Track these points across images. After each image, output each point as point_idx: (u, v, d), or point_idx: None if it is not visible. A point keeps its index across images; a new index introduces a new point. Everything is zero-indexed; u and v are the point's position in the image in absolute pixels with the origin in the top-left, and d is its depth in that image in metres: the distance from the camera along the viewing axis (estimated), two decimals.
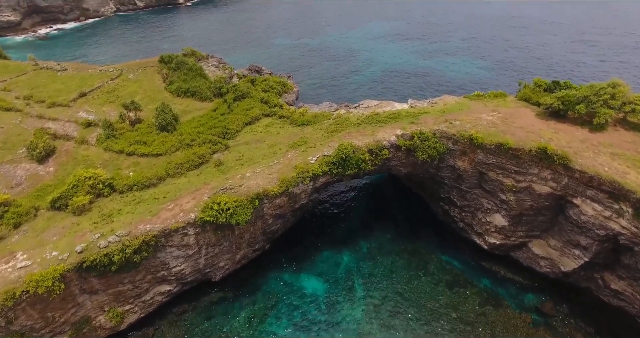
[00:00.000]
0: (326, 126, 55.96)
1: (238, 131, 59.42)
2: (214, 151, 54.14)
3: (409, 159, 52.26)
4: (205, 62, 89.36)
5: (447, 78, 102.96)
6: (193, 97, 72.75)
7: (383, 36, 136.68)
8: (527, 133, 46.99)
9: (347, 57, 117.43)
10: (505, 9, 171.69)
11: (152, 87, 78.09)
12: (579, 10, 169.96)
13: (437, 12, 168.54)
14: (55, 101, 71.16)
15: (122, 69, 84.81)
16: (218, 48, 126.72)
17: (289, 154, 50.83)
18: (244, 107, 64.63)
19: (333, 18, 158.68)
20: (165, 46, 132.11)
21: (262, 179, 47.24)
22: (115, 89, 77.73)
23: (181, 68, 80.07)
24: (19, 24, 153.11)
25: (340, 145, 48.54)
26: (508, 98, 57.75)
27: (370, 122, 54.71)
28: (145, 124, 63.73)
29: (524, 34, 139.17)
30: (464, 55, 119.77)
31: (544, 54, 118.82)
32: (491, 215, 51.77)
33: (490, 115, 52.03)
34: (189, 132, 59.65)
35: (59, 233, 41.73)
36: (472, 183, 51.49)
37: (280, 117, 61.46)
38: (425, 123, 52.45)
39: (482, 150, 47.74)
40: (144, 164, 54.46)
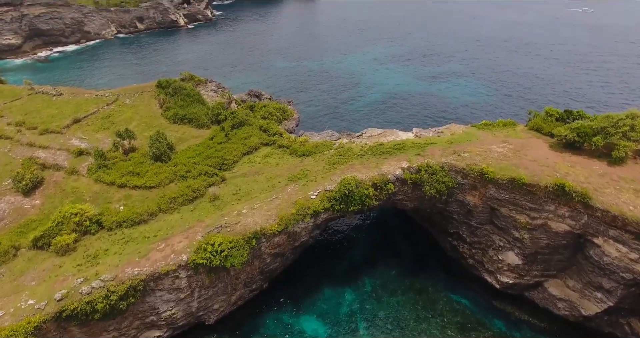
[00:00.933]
0: (328, 157, 53.31)
1: (235, 161, 56.76)
2: (210, 184, 51.34)
3: (416, 193, 49.40)
4: (204, 86, 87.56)
5: (450, 102, 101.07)
6: (190, 124, 70.50)
7: (384, 59, 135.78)
8: (541, 167, 44.24)
9: (348, 80, 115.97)
10: (505, 32, 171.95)
11: (148, 113, 75.98)
12: (579, 33, 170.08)
13: (437, 34, 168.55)
14: (47, 127, 68.91)
15: (118, 93, 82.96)
16: (218, 71, 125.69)
17: (289, 189, 48.00)
18: (242, 136, 62.19)
19: (333, 41, 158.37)
20: (164, 68, 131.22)
21: (259, 217, 44.28)
22: (111, 114, 75.63)
23: (178, 94, 78.11)
24: (19, 47, 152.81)
25: (343, 179, 45.76)
26: (518, 127, 55.31)
27: (374, 154, 52.08)
28: (139, 153, 61.22)
29: (525, 56, 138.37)
30: (466, 78, 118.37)
31: (547, 78, 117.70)
32: (503, 252, 48.54)
33: (500, 146, 49.41)
34: (184, 162, 56.98)
35: (38, 277, 38.53)
36: (483, 218, 48.47)
37: (279, 146, 58.91)
38: (432, 155, 49.80)
39: (494, 185, 44.92)
40: (135, 198, 51.60)
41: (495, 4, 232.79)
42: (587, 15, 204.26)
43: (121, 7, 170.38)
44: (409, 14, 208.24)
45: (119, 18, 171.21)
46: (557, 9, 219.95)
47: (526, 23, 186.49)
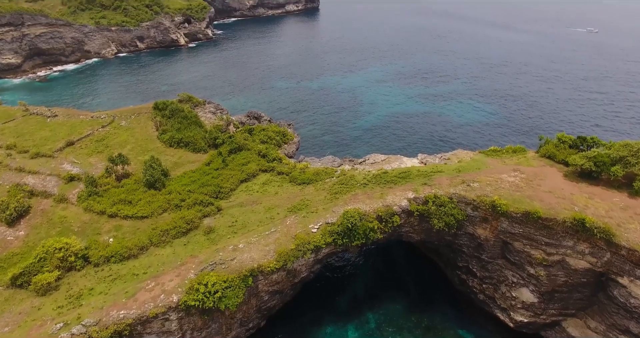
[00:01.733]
0: (329, 186, 50.65)
1: (232, 189, 54.10)
2: (205, 215, 48.54)
3: (423, 225, 46.57)
4: (202, 108, 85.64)
5: (453, 124, 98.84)
6: (186, 148, 68.19)
7: (385, 78, 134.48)
8: (557, 199, 41.52)
9: (349, 101, 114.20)
10: (507, 53, 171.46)
11: (144, 136, 73.75)
12: (583, 54, 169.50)
13: (438, 54, 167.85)
14: (39, 150, 66.57)
15: (114, 115, 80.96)
16: (218, 91, 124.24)
17: (288, 220, 45.19)
18: (239, 162, 59.69)
19: (334, 60, 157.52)
20: (164, 88, 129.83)
21: (257, 252, 41.35)
22: (106, 137, 73.42)
23: (175, 116, 76.13)
24: (19, 66, 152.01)
25: (346, 212, 43.00)
26: (528, 154, 52.79)
27: (378, 183, 49.44)
28: (132, 179, 58.62)
29: (528, 78, 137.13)
30: (468, 98, 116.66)
31: (552, 100, 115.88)
32: (517, 289, 45.40)
33: (512, 176, 46.79)
34: (179, 190, 54.30)
35: (13, 322, 35.40)
36: (495, 252, 45.50)
37: (279, 173, 56.31)
38: (439, 185, 47.13)
39: (507, 218, 42.12)
40: (126, 229, 48.76)
41: (497, 25, 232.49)
42: (592, 36, 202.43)
43: (122, 27, 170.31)
44: (410, 33, 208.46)
45: (120, 37, 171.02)
46: (560, 30, 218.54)
47: (528, 44, 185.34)
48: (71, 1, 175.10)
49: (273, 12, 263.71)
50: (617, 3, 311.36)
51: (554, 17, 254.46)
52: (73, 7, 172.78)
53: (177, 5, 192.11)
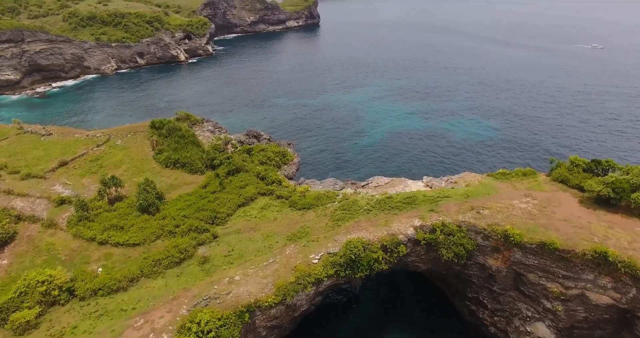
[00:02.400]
0: (331, 212, 48.15)
1: (229, 214, 51.59)
2: (200, 243, 45.94)
3: (430, 255, 43.93)
4: (200, 126, 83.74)
5: (458, 143, 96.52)
6: (183, 169, 65.88)
7: (386, 95, 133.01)
8: (574, 229, 38.98)
9: (350, 118, 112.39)
10: (509, 70, 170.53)
11: (140, 156, 71.58)
12: (588, 72, 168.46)
13: (440, 71, 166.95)
14: (30, 171, 64.37)
15: (110, 134, 79.05)
16: (217, 108, 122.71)
17: (287, 250, 42.58)
18: (237, 185, 57.31)
19: (335, 76, 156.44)
20: (162, 104, 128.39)
21: (254, 285, 38.65)
22: (100, 157, 71.28)
23: (172, 135, 73.99)
24: (18, 82, 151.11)
25: (349, 242, 40.41)
26: (539, 177, 50.41)
27: (382, 208, 46.94)
28: (126, 202, 56.18)
29: (531, 95, 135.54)
30: (472, 116, 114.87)
31: (555, 117, 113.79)
32: (532, 323, 42.48)
33: (524, 202, 44.33)
34: (174, 215, 51.80)
35: None
36: (507, 284, 42.76)
37: (278, 197, 53.87)
38: (447, 211, 44.63)
39: (520, 249, 39.52)
40: (117, 257, 46.13)
41: (499, 41, 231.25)
42: (597, 52, 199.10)
43: (122, 43, 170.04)
44: (411, 49, 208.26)
45: (120, 53, 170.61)
46: (565, 46, 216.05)
47: (532, 60, 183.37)
48: (72, 18, 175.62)
49: (274, 28, 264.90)
50: (622, 20, 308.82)
51: (558, 33, 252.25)
52: (74, 23, 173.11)
53: (178, 22, 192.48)
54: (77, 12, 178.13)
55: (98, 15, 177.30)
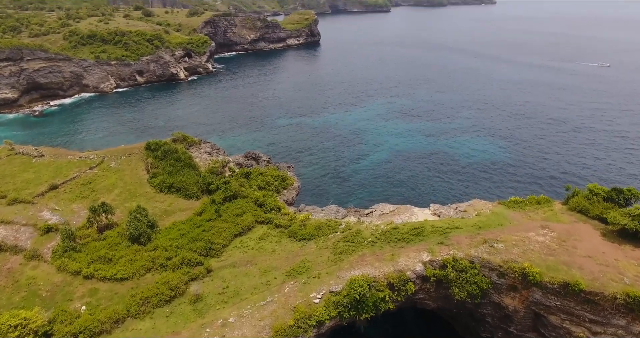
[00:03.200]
0: (333, 244, 45.04)
1: (225, 245, 48.50)
2: (192, 277, 42.74)
3: (440, 292, 40.68)
4: (197, 148, 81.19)
5: (464, 166, 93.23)
6: (178, 194, 63.10)
7: (388, 114, 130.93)
8: (600, 267, 35.85)
9: (352, 139, 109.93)
10: (513, 90, 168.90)
11: (133, 180, 68.83)
12: (595, 91, 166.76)
13: (442, 89, 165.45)
14: (18, 196, 61.52)
15: (104, 155, 76.50)
16: (216, 127, 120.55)
17: (286, 287, 39.34)
18: (234, 212, 54.36)
19: (336, 95, 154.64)
20: (160, 123, 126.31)
21: (250, 328, 35.32)
22: (93, 180, 68.53)
23: (168, 157, 71.48)
24: (15, 100, 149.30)
25: (353, 281, 37.24)
26: (555, 206, 47.44)
27: (388, 240, 43.86)
28: (116, 231, 53.23)
29: (537, 113, 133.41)
30: (475, 134, 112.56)
31: (564, 138, 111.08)
32: None
33: (541, 234, 41.27)
34: (166, 246, 48.71)
35: None
36: (525, 325, 39.37)
37: (277, 226, 50.86)
38: (458, 245, 41.55)
39: (540, 288, 36.32)
40: (102, 293, 42.87)
41: (501, 59, 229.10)
42: (604, 70, 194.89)
43: (122, 61, 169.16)
44: (412, 67, 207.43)
45: (119, 71, 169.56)
46: (571, 64, 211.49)
47: (537, 79, 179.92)
48: (73, 36, 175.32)
49: (274, 46, 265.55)
50: (627, 38, 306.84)
51: (562, 51, 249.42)
52: (74, 41, 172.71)
53: (178, 40, 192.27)
54: (77, 30, 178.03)
55: (98, 34, 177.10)
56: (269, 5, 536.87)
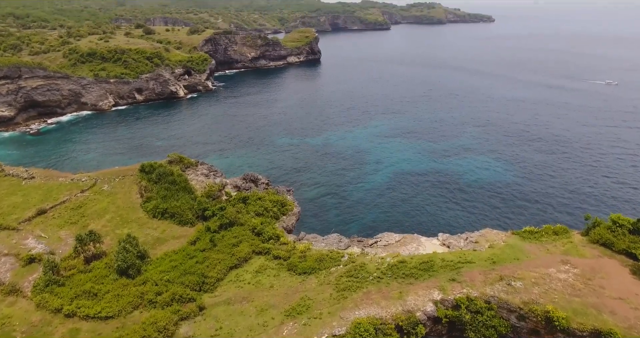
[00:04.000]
0: (336, 278, 41.67)
1: (219, 279, 45.11)
2: (183, 317, 39.24)
3: (453, 334, 37.11)
4: (194, 170, 78.26)
5: (472, 189, 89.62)
6: (172, 220, 60.00)
7: (390, 133, 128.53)
8: (636, 312, 32.43)
9: (353, 159, 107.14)
10: (517, 109, 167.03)
11: (126, 204, 65.76)
12: (602, 110, 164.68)
13: (442, 107, 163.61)
14: (3, 222, 58.76)
15: (97, 178, 73.59)
16: (214, 146, 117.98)
17: (285, 329, 35.86)
18: (230, 241, 51.10)
19: (337, 114, 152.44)
20: (158, 143, 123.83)
21: None
22: (84, 204, 65.52)
23: (163, 180, 68.60)
24: (12, 119, 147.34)
25: (357, 324, 33.82)
26: (574, 237, 44.16)
27: (395, 276, 40.50)
28: (104, 261, 49.90)
29: (543, 132, 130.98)
30: (480, 156, 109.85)
31: (574, 160, 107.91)
32: None
33: (562, 271, 37.94)
34: (156, 279, 45.32)
35: None
36: None
37: (275, 257, 47.56)
38: (472, 281, 38.19)
39: (568, 336, 32.81)
40: (84, 334, 39.33)
41: (506, 77, 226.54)
42: (612, 89, 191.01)
43: (121, 79, 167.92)
44: (414, 85, 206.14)
45: (118, 89, 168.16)
46: (576, 82, 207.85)
47: (543, 97, 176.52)
48: (72, 54, 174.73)
49: (275, 64, 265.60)
50: (634, 56, 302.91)
51: (568, 69, 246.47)
52: (74, 59, 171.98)
53: (178, 58, 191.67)
54: (77, 48, 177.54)
55: (98, 52, 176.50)
56: (270, 23, 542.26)
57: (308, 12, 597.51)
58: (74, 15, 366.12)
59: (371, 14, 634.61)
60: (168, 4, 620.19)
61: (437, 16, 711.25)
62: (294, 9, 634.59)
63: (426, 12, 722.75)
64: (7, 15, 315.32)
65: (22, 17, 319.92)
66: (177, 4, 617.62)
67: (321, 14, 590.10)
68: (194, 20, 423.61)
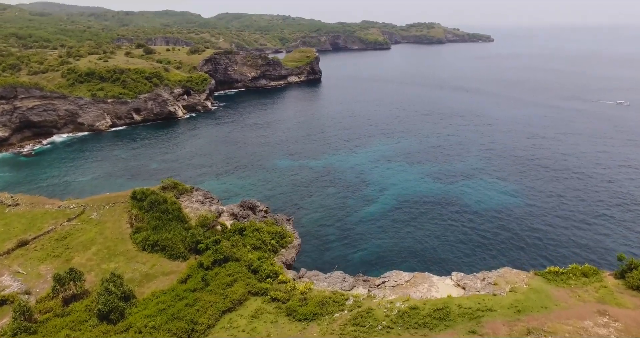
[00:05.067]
0: (340, 327, 37.11)
1: (210, 325, 40.52)
2: None
3: None
4: (189, 196, 74.32)
5: (479, 214, 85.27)
6: (162, 253, 55.82)
7: (392, 156, 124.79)
8: None
9: (356, 183, 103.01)
10: (527, 132, 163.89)
11: (115, 234, 61.59)
12: (617, 134, 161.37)
13: (444, 129, 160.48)
14: None
15: (86, 205, 69.59)
16: (211, 170, 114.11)
17: None
18: (224, 281, 46.67)
19: (338, 135, 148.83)
20: (154, 165, 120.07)
21: None
22: (69, 234, 61.42)
23: (154, 209, 64.68)
24: (6, 139, 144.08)
25: None
26: (606, 280, 39.68)
27: (406, 325, 35.95)
28: (84, 303, 45.44)
29: (555, 155, 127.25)
30: (487, 178, 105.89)
31: (593, 188, 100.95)
32: None
33: (601, 324, 33.36)
34: (141, 325, 40.73)
35: None
36: None
37: (273, 299, 43.04)
38: (495, 335, 33.60)
39: None
40: None
41: (507, 97, 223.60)
42: (624, 109, 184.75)
43: (118, 99, 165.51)
44: (416, 105, 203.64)
45: (115, 109, 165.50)
46: (585, 102, 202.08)
47: (553, 118, 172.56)
48: (71, 74, 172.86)
49: (275, 84, 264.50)
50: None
51: (578, 89, 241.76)
52: (72, 79, 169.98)
53: (178, 77, 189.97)
54: (76, 68, 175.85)
55: (97, 71, 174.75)
56: (271, 43, 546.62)
57: (309, 32, 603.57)
58: (77, 35, 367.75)
59: (371, 33, 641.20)
60: (170, 24, 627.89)
61: (436, 36, 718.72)
62: (294, 28, 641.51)
63: (426, 32, 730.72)
64: (9, 36, 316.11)
65: (24, 37, 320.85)
66: (179, 24, 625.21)
67: (322, 34, 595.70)
68: (195, 40, 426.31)
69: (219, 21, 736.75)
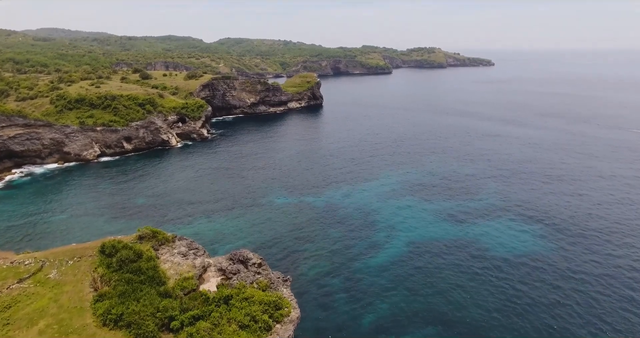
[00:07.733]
0: None
1: None
2: None
3: None
4: (170, 248, 63.44)
5: (506, 260, 74.24)
6: (127, 331, 44.76)
7: (400, 190, 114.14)
8: None
9: (361, 223, 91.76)
10: (542, 162, 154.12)
11: (72, 302, 50.43)
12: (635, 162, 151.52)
13: (454, 158, 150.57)
14: None
15: (45, 259, 58.48)
16: (202, 207, 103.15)
17: None
18: None
19: (340, 167, 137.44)
20: (141, 200, 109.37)
21: None
22: (16, 302, 50.12)
23: (125, 269, 53.89)
24: None
25: None
26: None
27: None
28: None
29: (577, 190, 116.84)
30: (509, 215, 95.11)
31: (620, 225, 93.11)
32: None
33: None
34: None
35: None
36: None
37: None
38: None
39: None
40: None
41: (519, 123, 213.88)
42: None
43: (108, 127, 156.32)
44: (422, 134, 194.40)
45: (105, 138, 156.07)
46: (602, 131, 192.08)
47: (572, 147, 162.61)
48: (60, 100, 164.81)
49: (275, 110, 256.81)
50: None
51: (596, 116, 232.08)
52: (60, 106, 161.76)
53: (173, 104, 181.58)
54: (65, 94, 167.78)
55: (87, 98, 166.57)
56: (272, 68, 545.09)
57: (310, 57, 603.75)
58: (75, 60, 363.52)
59: (372, 58, 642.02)
60: (172, 49, 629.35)
61: (437, 60, 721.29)
62: (295, 53, 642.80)
63: (427, 57, 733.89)
64: (6, 61, 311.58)
65: (21, 62, 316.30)
66: (181, 49, 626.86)
67: (323, 59, 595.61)
68: (196, 65, 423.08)
69: (221, 46, 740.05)
